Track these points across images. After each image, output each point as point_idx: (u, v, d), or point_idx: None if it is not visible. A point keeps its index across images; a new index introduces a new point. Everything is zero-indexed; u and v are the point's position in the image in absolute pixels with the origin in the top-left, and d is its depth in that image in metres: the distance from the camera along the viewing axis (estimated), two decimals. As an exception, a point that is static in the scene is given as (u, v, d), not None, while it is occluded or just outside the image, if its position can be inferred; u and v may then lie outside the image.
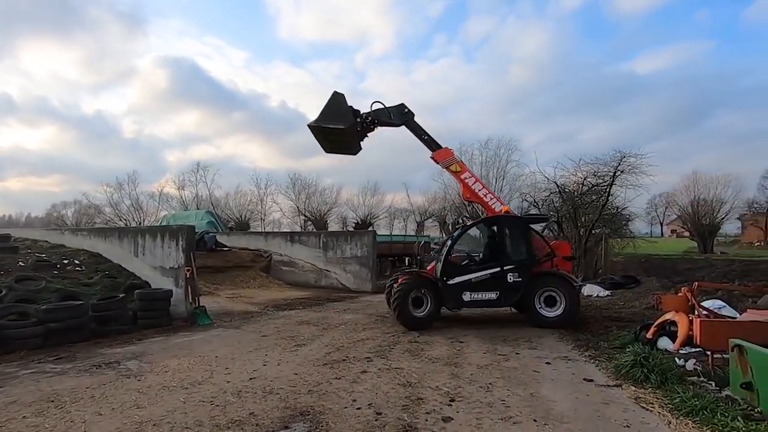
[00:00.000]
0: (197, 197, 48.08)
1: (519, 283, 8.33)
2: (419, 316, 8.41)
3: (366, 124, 9.88)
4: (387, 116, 9.63)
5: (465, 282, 8.40)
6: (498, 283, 8.37)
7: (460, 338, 7.59)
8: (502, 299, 8.42)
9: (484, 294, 8.38)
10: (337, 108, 9.32)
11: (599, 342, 7.12)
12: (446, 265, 8.55)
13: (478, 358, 6.25)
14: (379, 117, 9.72)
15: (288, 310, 11.10)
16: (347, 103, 9.47)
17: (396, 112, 9.69)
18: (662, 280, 14.18)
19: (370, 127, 10.00)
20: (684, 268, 20.77)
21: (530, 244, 8.58)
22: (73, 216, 53.63)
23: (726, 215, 35.43)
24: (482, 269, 8.49)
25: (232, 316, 10.27)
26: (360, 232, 17.95)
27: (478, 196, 9.56)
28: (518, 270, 8.36)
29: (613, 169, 14.70)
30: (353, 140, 10.21)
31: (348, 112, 9.32)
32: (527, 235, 8.67)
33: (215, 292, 14.37)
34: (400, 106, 9.74)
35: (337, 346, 6.97)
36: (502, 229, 8.78)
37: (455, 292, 8.40)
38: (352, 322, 9.19)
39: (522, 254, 8.53)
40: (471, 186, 9.66)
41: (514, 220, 9.02)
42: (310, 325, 8.90)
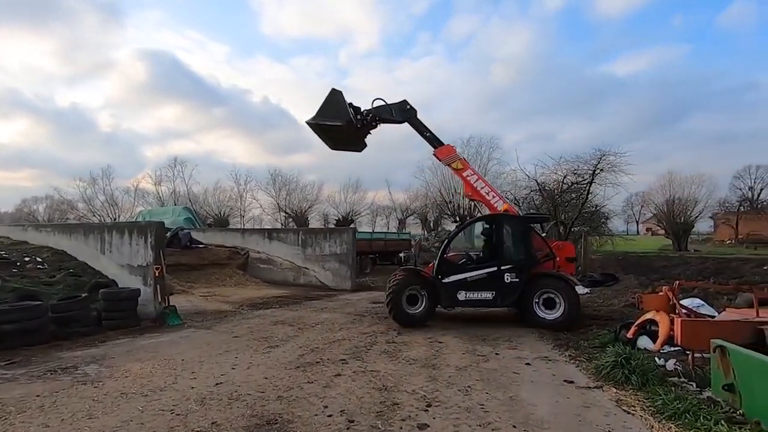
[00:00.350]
0: (174, 193, 47.08)
1: (516, 284, 8.11)
2: (413, 314, 8.29)
3: (366, 121, 9.68)
4: (388, 113, 9.45)
5: (460, 281, 8.22)
6: (495, 283, 8.16)
7: (440, 338, 7.41)
8: (499, 299, 8.19)
9: (480, 294, 8.19)
10: (335, 105, 9.13)
11: (579, 341, 7.03)
12: (441, 263, 8.38)
13: (457, 359, 6.06)
14: (380, 114, 9.53)
15: (264, 309, 10.76)
16: (345, 101, 9.27)
17: (398, 109, 9.54)
18: (640, 278, 14.31)
19: (371, 124, 9.80)
20: (660, 266, 21.07)
21: (529, 243, 8.36)
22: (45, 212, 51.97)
23: (699, 214, 36.27)
24: (479, 268, 8.31)
25: (204, 315, 9.89)
26: (339, 229, 17.64)
27: (481, 194, 9.39)
28: (516, 270, 8.15)
29: (592, 168, 14.76)
30: (355, 137, 10.07)
31: (345, 110, 9.12)
32: (526, 234, 8.43)
33: (189, 290, 13.90)
34: (402, 103, 9.55)
35: (312, 348, 6.70)
36: (501, 228, 8.51)
37: (450, 291, 8.23)
38: (329, 322, 8.93)
39: (520, 254, 8.32)
40: (473, 184, 9.49)
41: (512, 218, 8.76)
42: (285, 325, 8.60)
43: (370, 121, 9.77)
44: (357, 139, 10.39)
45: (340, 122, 9.02)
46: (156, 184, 46.32)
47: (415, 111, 9.55)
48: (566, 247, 8.98)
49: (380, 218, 50.01)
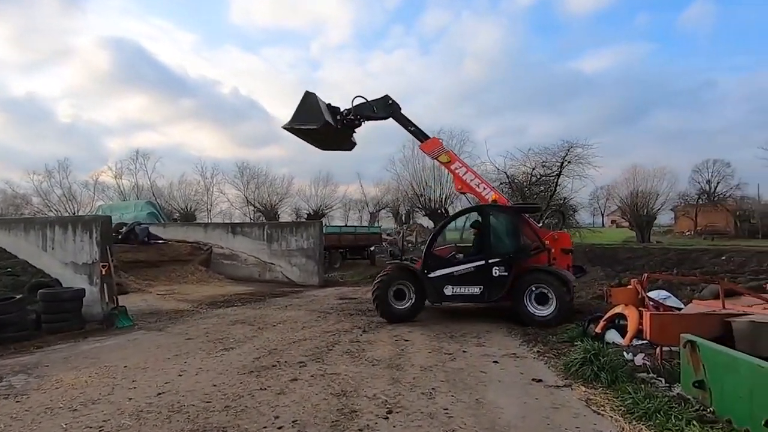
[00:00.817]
0: (137, 187, 45.26)
1: (505, 278, 7.76)
2: (400, 309, 8.06)
3: (347, 121, 9.34)
4: (370, 111, 9.14)
5: (447, 275, 7.92)
6: (482, 278, 7.82)
7: (406, 335, 7.11)
8: (486, 294, 7.84)
9: (467, 288, 7.87)
10: (309, 108, 8.77)
11: (548, 336, 6.87)
12: (427, 257, 8.08)
13: (423, 359, 5.77)
14: (361, 112, 9.20)
15: (224, 308, 10.23)
16: (319, 103, 8.88)
17: (380, 105, 9.21)
18: (606, 269, 14.46)
19: (354, 123, 9.47)
20: (625, 257, 21.48)
21: (518, 235, 8.01)
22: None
23: (661, 206, 37.43)
24: (466, 262, 8.00)
25: (159, 315, 9.29)
26: (306, 222, 17.17)
27: (470, 186, 9.09)
28: (505, 263, 7.79)
29: (560, 160, 14.78)
30: (340, 137, 9.78)
31: (319, 112, 8.74)
32: (515, 225, 8.07)
33: (146, 289, 13.17)
34: (384, 99, 9.21)
35: (270, 349, 6.28)
36: (488, 220, 8.11)
37: (436, 286, 7.93)
38: (292, 320, 8.51)
39: (509, 246, 7.99)
40: (462, 177, 9.19)
41: (500, 209, 8.39)
42: (244, 325, 8.13)
43: (352, 120, 9.47)
44: (342, 140, 10.12)
45: (315, 125, 8.67)
46: (116, 177, 44.35)
47: (399, 106, 9.25)
48: (562, 238, 8.54)
49: (353, 212, 49.59)
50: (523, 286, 7.69)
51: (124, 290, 12.59)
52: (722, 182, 48.98)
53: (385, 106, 9.23)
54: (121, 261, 14.27)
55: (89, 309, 8.30)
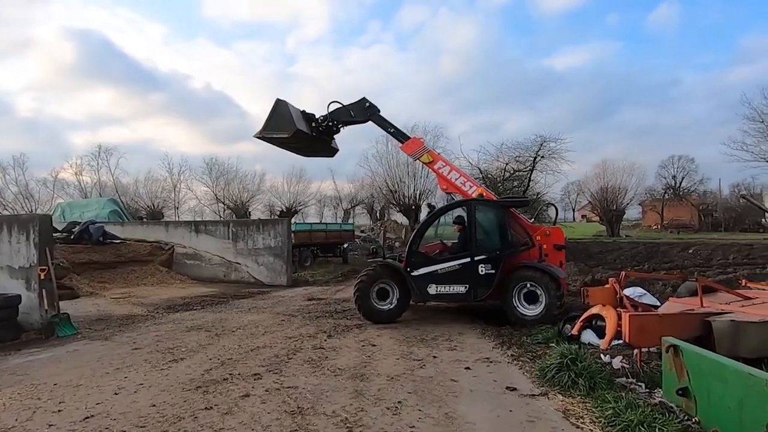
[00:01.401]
0: (99, 184, 43.29)
1: (492, 276, 7.38)
2: (383, 309, 7.72)
3: (324, 127, 8.89)
4: (347, 115, 8.73)
5: (430, 274, 7.54)
6: (468, 276, 7.45)
7: (374, 340, 6.68)
8: (472, 293, 7.47)
9: (452, 287, 7.51)
10: (280, 117, 8.31)
11: (522, 337, 6.56)
12: (411, 254, 7.69)
13: (390, 366, 5.35)
14: (338, 117, 8.78)
15: (182, 312, 9.57)
16: (290, 111, 8.38)
17: (357, 108, 8.77)
18: (579, 264, 14.40)
19: (333, 129, 9.02)
20: (596, 252, 21.74)
21: (505, 230, 7.63)
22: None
23: (630, 201, 38.25)
24: (450, 259, 7.63)
25: (108, 322, 8.57)
26: (273, 220, 16.51)
27: (456, 185, 8.71)
28: (491, 261, 7.43)
29: (534, 154, 14.61)
30: (318, 145, 9.39)
31: (290, 121, 8.26)
32: (502, 220, 7.69)
33: (100, 292, 12.31)
34: (361, 102, 8.77)
35: (223, 360, 5.74)
36: (473, 215, 7.72)
37: (420, 285, 7.56)
38: (253, 325, 7.95)
39: (496, 242, 7.65)
40: (446, 176, 8.79)
41: (486, 203, 8.05)
42: (201, 331, 7.53)
43: (330, 126, 9.03)
44: (321, 147, 9.73)
45: (286, 134, 8.22)
46: (77, 174, 42.29)
47: (377, 108, 8.84)
48: (555, 233, 8.12)
49: (328, 209, 48.87)
50: (511, 284, 7.35)
51: (74, 294, 11.75)
52: (687, 177, 50.57)
53: (363, 110, 8.85)
54: (73, 263, 13.38)
55: (27, 317, 7.55)
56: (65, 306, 10.38)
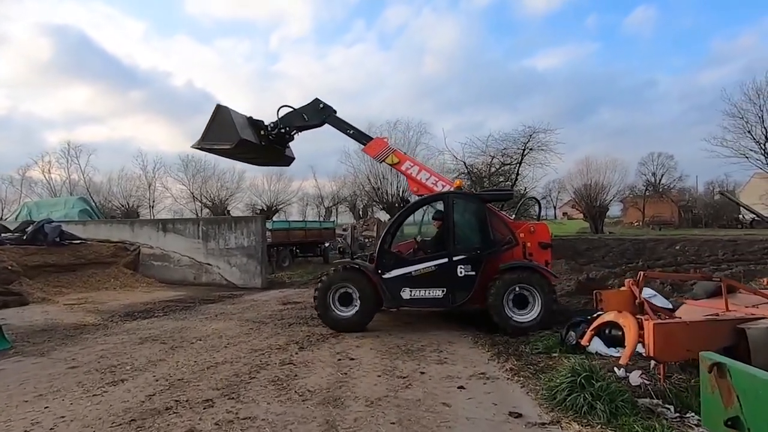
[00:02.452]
0: (69, 182, 41.45)
1: (472, 278, 6.66)
2: (344, 317, 6.92)
3: (273, 136, 8.10)
4: (301, 119, 7.98)
5: (404, 276, 6.79)
6: (445, 278, 6.72)
7: (352, 352, 5.84)
8: (450, 298, 6.73)
9: (428, 291, 6.76)
10: (220, 125, 7.48)
11: (519, 346, 5.83)
12: (382, 254, 6.93)
13: (370, 387, 4.53)
14: (290, 123, 8.02)
15: (140, 320, 8.58)
16: (233, 117, 7.52)
17: (311, 111, 7.99)
18: (569, 263, 13.80)
19: (285, 136, 8.24)
20: (583, 249, 21.23)
21: (487, 227, 6.89)
22: None
23: (614, 198, 38.17)
24: (426, 260, 6.89)
25: (53, 333, 7.54)
26: (246, 218, 15.52)
27: (427, 186, 7.97)
28: (471, 261, 6.70)
29: (522, 146, 13.95)
30: (270, 154, 8.59)
31: (233, 130, 7.39)
32: (483, 216, 6.92)
33: (53, 298, 11.19)
34: (314, 103, 7.98)
35: (173, 381, 4.84)
36: (450, 210, 6.96)
37: (392, 288, 6.81)
38: (217, 335, 7.04)
39: (475, 241, 6.91)
40: (416, 176, 8.02)
41: (465, 197, 7.30)
42: (155, 344, 6.59)
43: (282, 133, 8.24)
44: (274, 156, 8.94)
45: (228, 145, 7.42)
46: (44, 172, 40.40)
47: (333, 109, 8.04)
48: (540, 230, 7.30)
49: (310, 207, 47.80)
50: (501, 287, 6.54)
51: (22, 301, 10.61)
52: (666, 174, 50.92)
53: (317, 112, 8.04)
54: (25, 266, 12.21)
55: (-49, 330, 6.52)
56: (10, 314, 9.35)
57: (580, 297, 8.85)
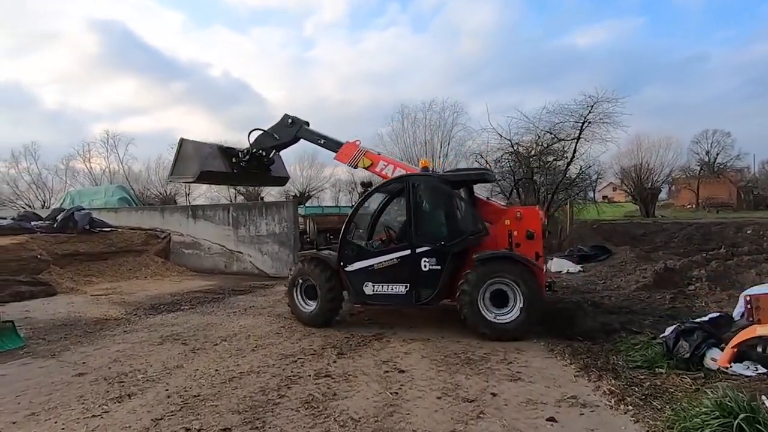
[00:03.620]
0: (110, 171, 42.35)
1: (437, 273, 5.81)
2: (309, 312, 6.52)
3: (245, 162, 7.70)
4: (272, 140, 7.58)
5: (366, 269, 6.17)
6: (409, 272, 5.94)
7: (401, 360, 4.85)
8: (414, 295, 5.94)
9: (390, 286, 6.06)
10: (183, 158, 7.42)
11: (609, 356, 4.68)
12: (344, 245, 6.38)
13: (430, 414, 3.52)
14: (263, 145, 7.64)
15: (165, 314, 7.92)
16: (194, 150, 7.45)
17: (280, 129, 7.55)
18: (634, 250, 12.34)
19: (263, 159, 7.83)
20: (640, 234, 19.52)
21: (454, 215, 6.02)
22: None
23: (667, 178, 35.54)
24: (387, 251, 6.16)
25: (72, 329, 6.95)
26: (278, 203, 14.78)
27: None
28: (436, 254, 5.83)
29: (581, 119, 12.45)
30: (255, 177, 8.60)
31: (194, 162, 7.32)
32: (449, 201, 6.05)
33: (82, 288, 10.78)
34: (283, 120, 7.54)
35: (187, 397, 4.00)
36: (411, 196, 6.07)
37: (355, 282, 6.26)
38: (244, 334, 6.22)
39: (440, 231, 6.00)
40: (392, 175, 7.07)
41: (429, 179, 6.26)
42: (175, 344, 5.83)
43: (259, 156, 7.81)
44: (262, 178, 8.81)
45: (190, 178, 7.44)
46: (85, 162, 41.38)
47: (303, 121, 7.51)
48: (528, 216, 6.08)
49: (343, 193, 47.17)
50: (474, 282, 5.55)
51: (50, 291, 10.23)
52: (722, 153, 47.08)
53: (287, 128, 7.53)
54: (55, 254, 11.89)
55: (-38, 326, 5.99)
56: (36, 306, 8.93)
57: (661, 291, 7.55)
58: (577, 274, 10.01)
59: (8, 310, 8.40)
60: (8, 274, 10.27)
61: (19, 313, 8.18)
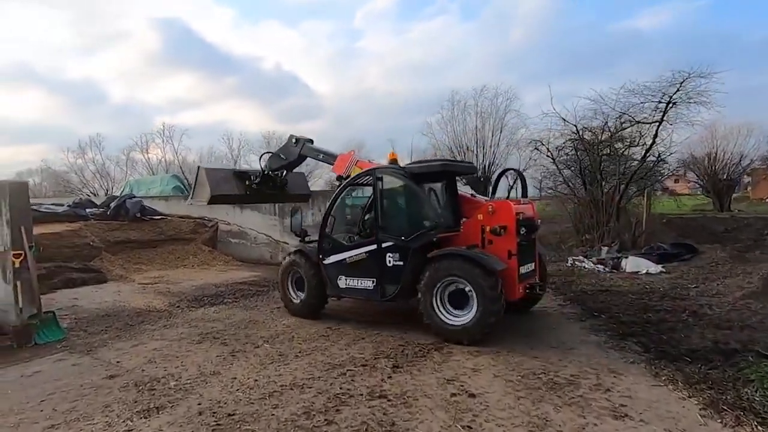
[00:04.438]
0: (165, 161, 44.11)
1: (400, 269, 5.64)
2: (297, 303, 6.81)
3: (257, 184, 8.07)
4: (279, 160, 7.87)
5: (339, 262, 6.25)
6: (375, 267, 5.87)
7: (468, 380, 4.04)
8: (380, 290, 5.85)
9: (360, 281, 6.08)
10: (199, 185, 7.95)
11: (739, 387, 3.66)
12: (322, 238, 6.51)
13: (517, 463, 2.73)
14: (273, 166, 7.99)
15: (208, 307, 7.56)
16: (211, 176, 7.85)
17: (286, 149, 7.81)
18: (725, 248, 10.80)
19: (276, 180, 8.21)
20: (721, 231, 17.47)
21: (417, 210, 5.86)
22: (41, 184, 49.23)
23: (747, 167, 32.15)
24: (357, 246, 6.13)
25: (113, 320, 6.71)
26: (324, 192, 14.22)
27: None
28: (399, 249, 5.65)
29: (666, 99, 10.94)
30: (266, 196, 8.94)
31: (207, 188, 7.70)
32: (410, 195, 5.82)
33: (131, 275, 10.76)
34: (288, 140, 7.78)
35: (221, 416, 3.42)
36: (378, 188, 5.94)
37: (332, 275, 6.34)
38: (287, 335, 5.66)
39: (402, 226, 5.80)
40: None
41: (390, 173, 5.95)
42: (215, 344, 5.36)
43: (272, 177, 8.11)
44: (275, 196, 9.21)
45: (204, 201, 7.90)
46: (143, 152, 43.25)
47: (307, 139, 7.61)
48: (501, 211, 5.45)
49: (388, 183, 46.59)
50: (429, 280, 5.29)
51: (101, 278, 10.24)
52: (812, 141, 42.15)
53: (292, 148, 7.65)
54: (108, 241, 11.99)
55: (5, 316, 5.80)
56: (85, 293, 8.88)
57: (774, 300, 6.28)
58: (658, 275, 8.75)
59: (58, 298, 8.38)
60: (62, 260, 10.38)
61: (68, 301, 8.12)
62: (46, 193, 43.14)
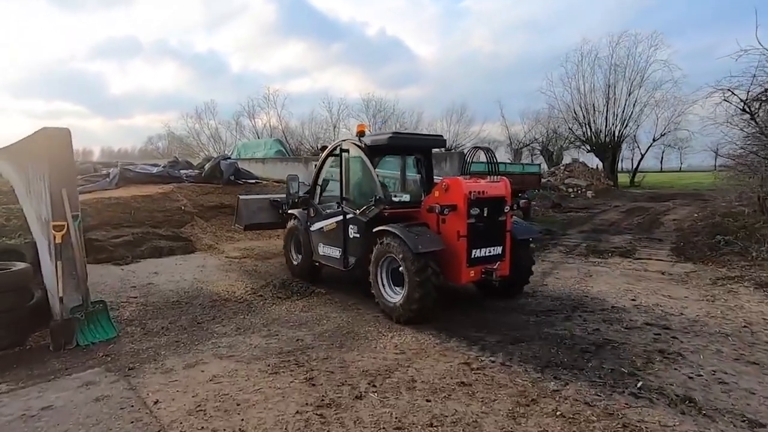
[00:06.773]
0: (270, 126, 45.20)
1: (358, 241, 5.55)
2: (295, 264, 7.02)
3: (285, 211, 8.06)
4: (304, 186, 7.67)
5: (319, 230, 6.32)
6: (341, 237, 5.81)
7: None
8: (344, 260, 5.81)
9: (331, 249, 6.08)
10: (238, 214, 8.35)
11: None
12: (307, 207, 6.74)
13: None
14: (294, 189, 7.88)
15: (296, 298, 5.95)
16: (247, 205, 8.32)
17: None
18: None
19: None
20: None
21: (370, 182, 5.55)
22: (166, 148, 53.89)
23: None
24: (330, 216, 6.11)
25: (180, 313, 5.33)
26: (438, 154, 11.92)
27: None
28: (357, 222, 5.52)
29: None
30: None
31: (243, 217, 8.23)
32: (365, 168, 5.67)
33: (220, 245, 9.66)
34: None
35: None
36: (341, 161, 5.84)
37: (315, 242, 6.43)
38: (404, 370, 3.61)
39: (358, 197, 5.74)
40: None
41: (352, 147, 5.78)
42: (297, 377, 3.54)
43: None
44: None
45: (241, 227, 8.38)
46: (250, 118, 44.69)
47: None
48: (452, 188, 4.95)
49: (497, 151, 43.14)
50: (374, 255, 5.17)
51: (189, 248, 9.24)
52: None
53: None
54: (201, 206, 11.10)
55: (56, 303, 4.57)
56: (167, 266, 7.80)
57: None
58: None
59: (138, 271, 7.36)
60: (151, 225, 9.56)
61: (146, 276, 7.03)
62: (170, 155, 46.88)
